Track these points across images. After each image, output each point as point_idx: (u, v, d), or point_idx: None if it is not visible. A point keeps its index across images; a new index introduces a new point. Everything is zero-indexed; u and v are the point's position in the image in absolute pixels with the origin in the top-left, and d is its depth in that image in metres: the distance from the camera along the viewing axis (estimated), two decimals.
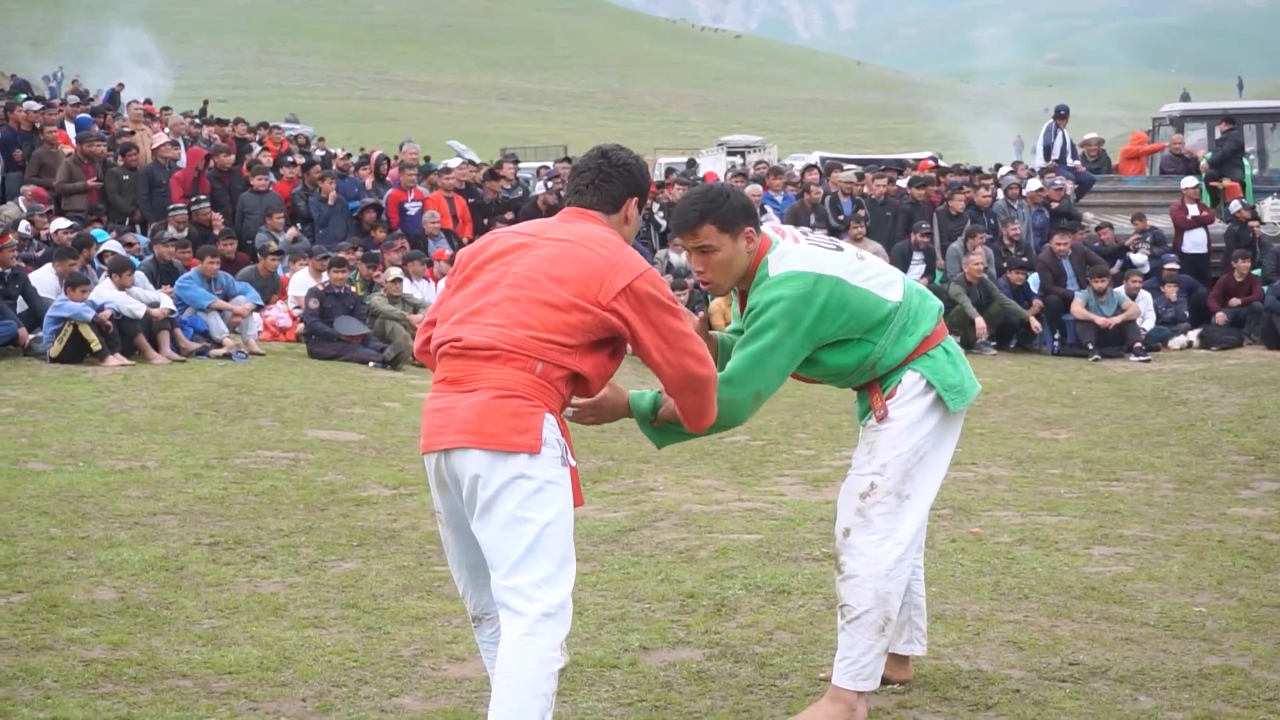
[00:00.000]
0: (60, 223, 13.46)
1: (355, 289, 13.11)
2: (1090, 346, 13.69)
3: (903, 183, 17.28)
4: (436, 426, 3.22)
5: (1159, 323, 14.46)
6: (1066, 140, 18.58)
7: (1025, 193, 16.37)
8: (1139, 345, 13.64)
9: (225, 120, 22.96)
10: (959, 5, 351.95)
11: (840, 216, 15.55)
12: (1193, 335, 14.41)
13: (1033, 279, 14.64)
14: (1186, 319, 14.77)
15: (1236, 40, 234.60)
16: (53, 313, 10.84)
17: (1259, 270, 15.19)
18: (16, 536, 5.84)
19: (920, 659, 4.25)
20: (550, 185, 17.88)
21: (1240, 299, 14.55)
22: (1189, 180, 16.59)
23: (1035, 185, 16.59)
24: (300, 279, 13.35)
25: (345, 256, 13.10)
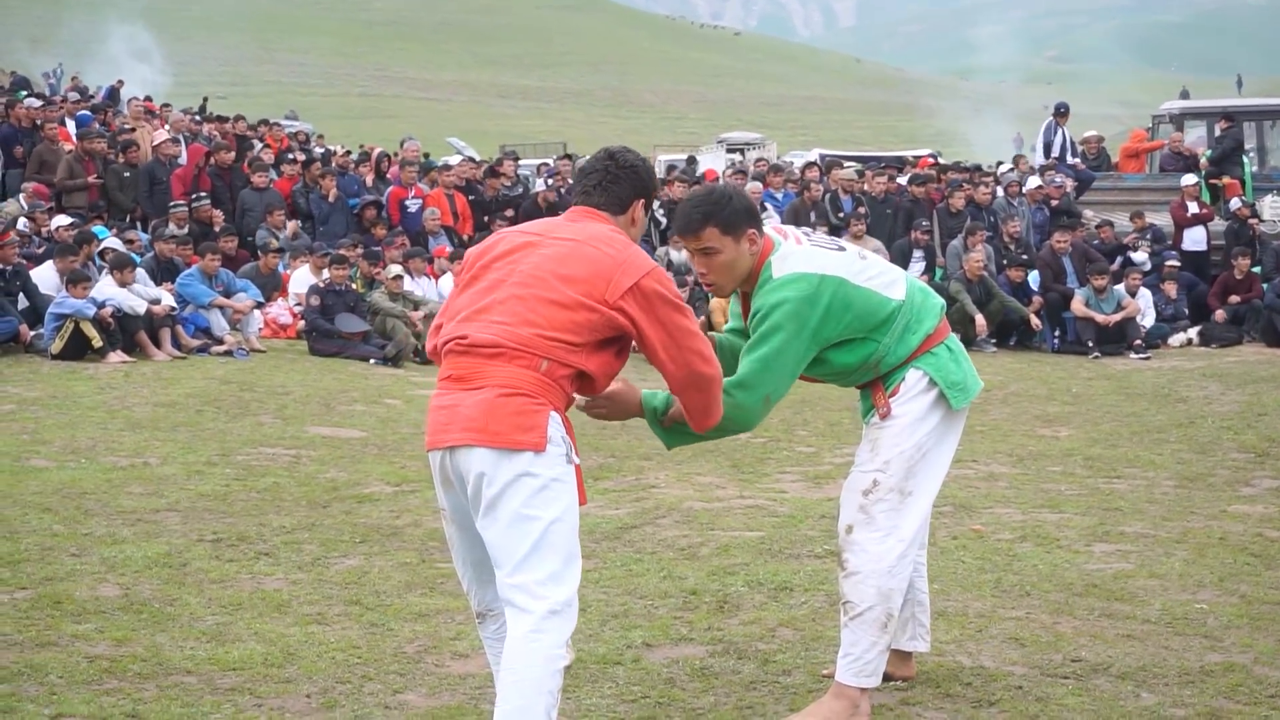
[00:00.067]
0: (61, 220, 13.46)
1: (356, 286, 13.12)
2: (1090, 344, 13.70)
3: (903, 180, 17.23)
4: (441, 424, 3.22)
5: (1159, 320, 14.48)
6: (1066, 138, 18.56)
7: (1025, 190, 16.35)
8: (1139, 343, 13.65)
9: (225, 117, 22.90)
10: (958, 3, 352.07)
11: (840, 214, 15.52)
12: (1192, 333, 14.43)
13: (1033, 276, 14.65)
14: (1186, 316, 14.79)
15: (1236, 38, 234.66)
16: (54, 310, 10.84)
17: (1259, 268, 15.20)
18: (19, 533, 5.85)
19: (922, 656, 4.26)
20: (550, 182, 17.86)
21: (1240, 296, 14.56)
22: (1189, 178, 16.58)
23: (1035, 183, 16.57)
24: (301, 276, 13.35)
25: (346, 253, 13.10)
